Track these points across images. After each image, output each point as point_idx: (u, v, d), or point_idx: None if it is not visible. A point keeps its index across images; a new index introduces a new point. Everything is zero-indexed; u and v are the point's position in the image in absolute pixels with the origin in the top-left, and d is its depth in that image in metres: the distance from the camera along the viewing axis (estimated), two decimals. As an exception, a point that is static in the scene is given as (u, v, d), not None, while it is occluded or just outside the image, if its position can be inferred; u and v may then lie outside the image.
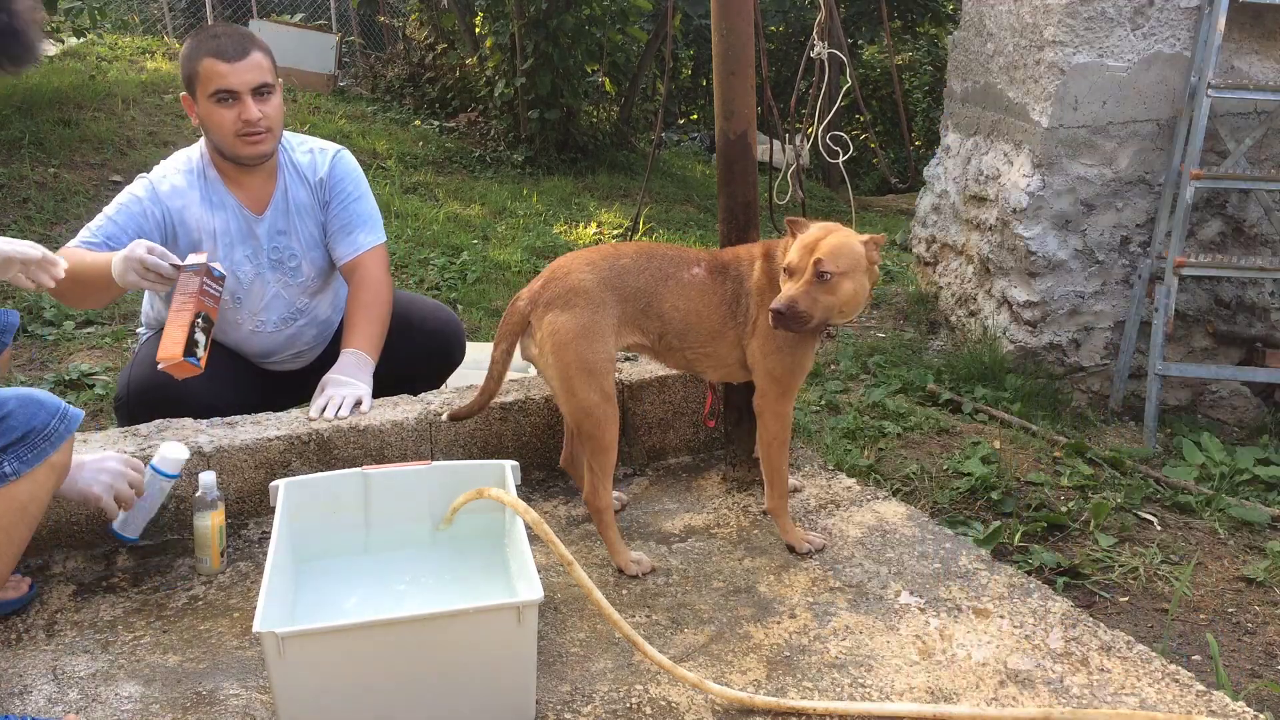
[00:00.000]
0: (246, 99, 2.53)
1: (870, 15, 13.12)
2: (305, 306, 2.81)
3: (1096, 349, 4.52)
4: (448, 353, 2.95)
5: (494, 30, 9.32)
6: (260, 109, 2.54)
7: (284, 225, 2.73)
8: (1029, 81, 4.41)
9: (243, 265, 2.69)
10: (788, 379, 2.32)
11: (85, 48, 9.33)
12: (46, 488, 1.74)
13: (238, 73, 2.51)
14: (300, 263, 2.76)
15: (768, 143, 5.81)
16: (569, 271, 2.27)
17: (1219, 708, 1.81)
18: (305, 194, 2.74)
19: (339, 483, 2.17)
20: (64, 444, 1.75)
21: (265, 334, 2.78)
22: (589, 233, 7.36)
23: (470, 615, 1.70)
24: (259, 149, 2.59)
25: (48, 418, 1.70)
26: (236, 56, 2.51)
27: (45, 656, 1.98)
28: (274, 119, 2.59)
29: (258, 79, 2.54)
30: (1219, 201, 4.47)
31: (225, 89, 2.51)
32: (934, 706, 1.81)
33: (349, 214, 2.76)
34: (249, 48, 2.54)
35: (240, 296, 2.71)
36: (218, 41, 2.52)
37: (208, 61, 2.51)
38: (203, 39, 2.55)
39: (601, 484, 2.26)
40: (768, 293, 2.28)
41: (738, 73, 2.52)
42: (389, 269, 2.83)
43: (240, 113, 2.53)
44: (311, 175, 2.75)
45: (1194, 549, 3.18)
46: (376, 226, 2.81)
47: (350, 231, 2.75)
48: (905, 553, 2.38)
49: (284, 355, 2.85)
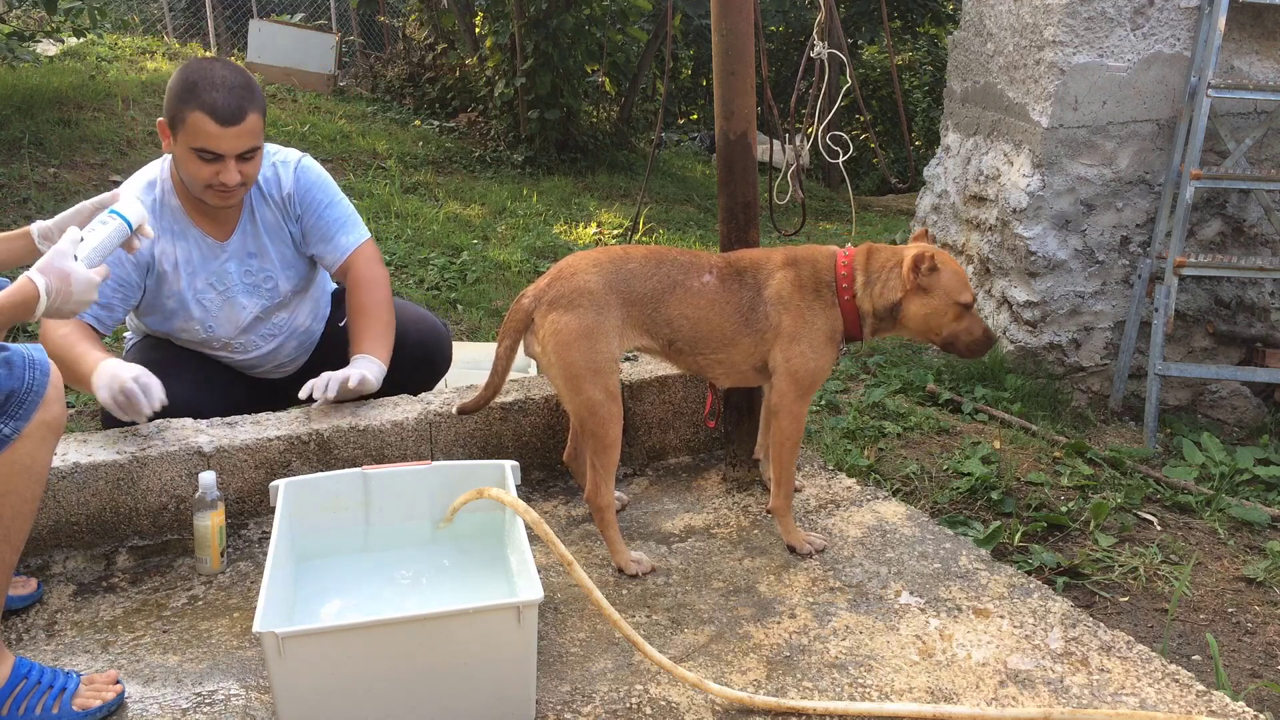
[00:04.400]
0: (230, 162, 2.39)
1: (870, 15, 13.11)
2: (284, 321, 2.75)
3: (1096, 349, 4.52)
4: (433, 362, 2.88)
5: (494, 30, 9.31)
6: (241, 170, 2.42)
7: (254, 248, 2.65)
8: (1029, 81, 4.41)
9: (206, 293, 2.61)
10: (809, 382, 2.33)
11: (85, 48, 9.33)
12: (46, 445, 1.74)
13: (228, 138, 2.36)
14: (276, 282, 2.69)
15: (768, 143, 5.82)
16: (575, 272, 2.27)
17: (1219, 708, 1.81)
18: (272, 213, 2.65)
19: (339, 483, 2.17)
20: (53, 402, 1.74)
21: (241, 350, 2.73)
22: (589, 233, 7.36)
23: (470, 615, 1.70)
24: (228, 202, 2.50)
25: (22, 375, 1.69)
26: (231, 121, 2.34)
27: (45, 657, 1.98)
28: (252, 176, 2.48)
29: (246, 145, 2.40)
30: (1219, 201, 4.48)
31: (211, 151, 2.37)
32: (934, 706, 1.81)
33: (325, 222, 2.68)
34: (246, 109, 2.37)
35: (211, 324, 2.63)
36: (215, 96, 2.33)
37: (199, 116, 2.33)
38: (200, 85, 2.34)
39: (604, 482, 2.26)
40: (797, 301, 2.29)
41: (738, 73, 2.52)
42: (380, 260, 2.77)
43: (219, 172, 2.39)
44: (277, 191, 2.64)
45: (1194, 549, 3.18)
46: (356, 225, 2.73)
47: (331, 238, 2.68)
48: (905, 553, 2.38)
49: (268, 367, 2.83)
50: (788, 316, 2.29)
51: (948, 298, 2.28)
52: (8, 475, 1.69)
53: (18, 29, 7.95)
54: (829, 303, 2.32)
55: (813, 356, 2.30)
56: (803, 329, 2.29)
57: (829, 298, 2.32)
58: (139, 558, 2.34)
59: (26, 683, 1.75)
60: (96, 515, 2.34)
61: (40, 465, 1.74)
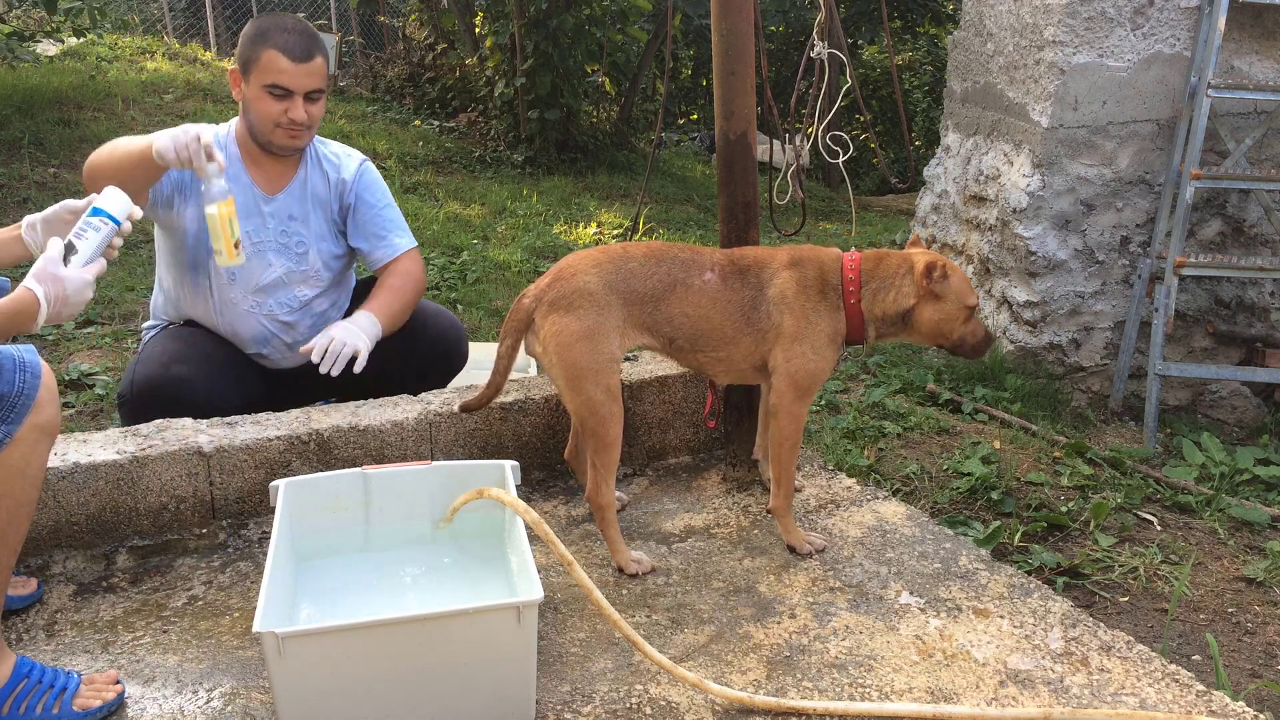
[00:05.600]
0: (298, 99, 2.59)
1: (870, 15, 13.12)
2: (303, 297, 2.81)
3: (1096, 349, 4.52)
4: (449, 356, 2.94)
5: (494, 30, 9.32)
6: (308, 110, 2.62)
7: (297, 212, 2.76)
8: (1029, 81, 4.41)
9: (241, 240, 2.69)
10: (809, 383, 2.33)
11: (85, 48, 9.34)
12: (40, 448, 1.74)
13: (298, 75, 2.57)
14: (308, 250, 2.78)
15: (768, 143, 5.81)
16: (575, 272, 2.27)
17: (1219, 708, 1.81)
18: (324, 187, 2.80)
19: (339, 483, 2.17)
20: (45, 405, 1.73)
21: (259, 316, 2.76)
22: (589, 233, 7.36)
23: (470, 615, 1.70)
24: (295, 144, 2.67)
25: (12, 378, 1.69)
26: (302, 58, 2.57)
27: (45, 656, 1.98)
28: (316, 119, 2.68)
29: (314, 84, 2.61)
30: (1219, 201, 4.48)
31: (282, 86, 2.57)
32: (934, 706, 1.81)
33: (381, 220, 2.83)
34: (314, 51, 2.60)
35: (236, 273, 2.70)
36: (287, 37, 2.56)
37: (272, 53, 2.55)
38: (272, 28, 2.59)
39: (604, 481, 2.26)
40: (800, 302, 2.30)
41: (738, 73, 2.52)
42: (424, 271, 2.92)
43: (288, 109, 2.59)
44: (334, 172, 2.81)
45: (1194, 549, 3.18)
46: (408, 232, 2.90)
47: (384, 235, 2.83)
48: (905, 553, 2.38)
49: (278, 345, 2.83)
50: (790, 317, 2.29)
51: (959, 302, 2.32)
52: (2, 479, 1.69)
53: (18, 29, 7.96)
54: (834, 305, 2.33)
55: (814, 358, 2.30)
56: (805, 330, 2.29)
57: (834, 300, 2.33)
58: (139, 558, 2.34)
59: (27, 682, 1.75)
60: (96, 515, 2.34)
61: (35, 468, 1.73)
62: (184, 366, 2.58)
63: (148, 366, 2.59)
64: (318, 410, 2.63)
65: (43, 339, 4.53)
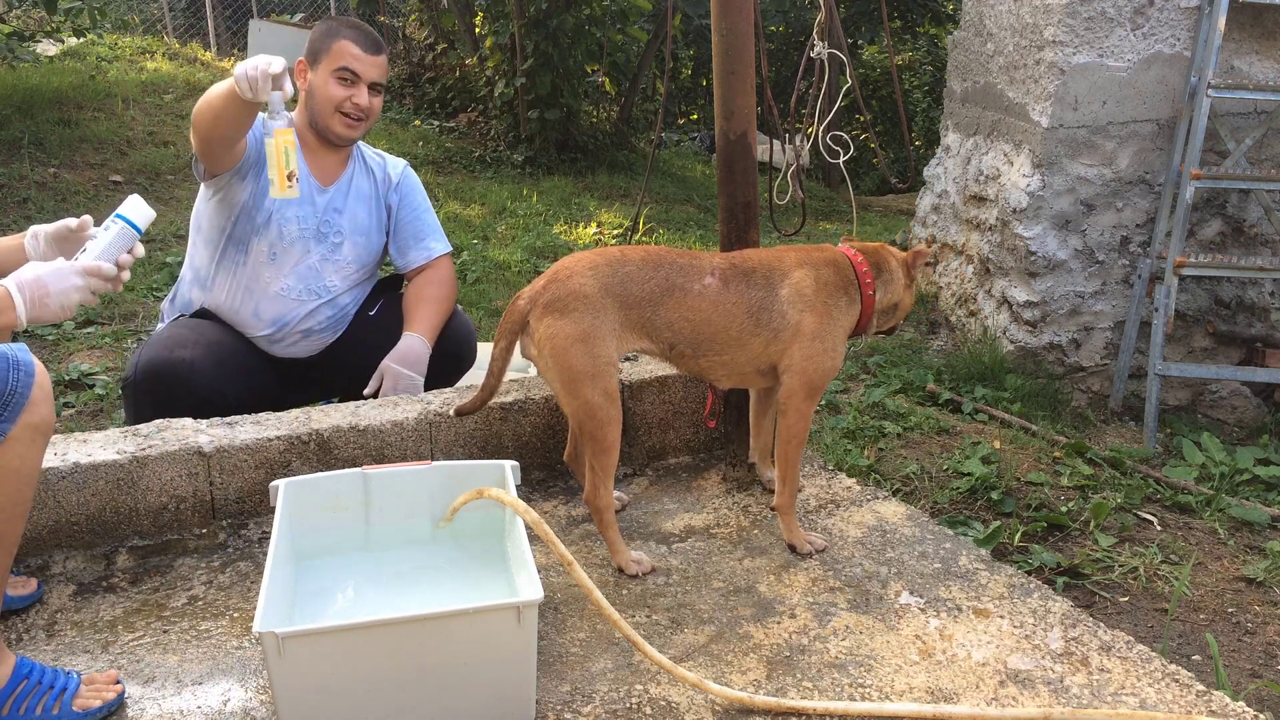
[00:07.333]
0: (363, 87, 2.81)
1: (870, 15, 13.11)
2: (332, 288, 2.90)
3: (1096, 349, 4.52)
4: (459, 354, 3.01)
5: (494, 30, 9.31)
6: (369, 100, 2.83)
7: (341, 205, 2.90)
8: (1029, 81, 4.42)
9: (290, 224, 2.82)
10: (822, 381, 2.35)
11: (85, 48, 9.33)
12: (35, 447, 1.74)
13: (368, 64, 2.80)
14: (344, 241, 2.90)
15: (768, 143, 5.81)
16: (571, 275, 2.25)
17: (1219, 708, 1.81)
18: (369, 186, 2.97)
19: (339, 483, 2.17)
20: (39, 404, 1.73)
21: (285, 299, 2.83)
22: (589, 233, 7.36)
23: (470, 615, 1.70)
24: (351, 132, 2.84)
25: (5, 377, 1.68)
26: (373, 51, 2.81)
27: (45, 657, 1.98)
28: (373, 114, 2.87)
29: (378, 76, 2.84)
30: (1219, 201, 4.48)
31: (352, 71, 2.78)
32: (934, 706, 1.81)
33: (421, 223, 3.02)
34: (381, 49, 2.86)
35: (277, 253, 2.81)
36: (358, 32, 2.83)
37: (345, 43, 2.78)
38: (344, 25, 2.85)
39: (603, 483, 2.25)
40: (822, 299, 2.32)
41: (738, 73, 2.52)
42: (455, 272, 3.11)
43: (353, 95, 2.79)
44: (379, 172, 3.00)
45: (1194, 549, 3.18)
46: (444, 237, 3.07)
47: (423, 238, 3.01)
48: (905, 553, 2.38)
49: (294, 332, 2.86)
50: (810, 316, 2.30)
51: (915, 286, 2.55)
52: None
53: (18, 29, 7.96)
54: (853, 300, 2.38)
55: (832, 355, 2.34)
56: (827, 327, 2.32)
57: (854, 295, 2.38)
58: (139, 558, 2.34)
59: (27, 683, 1.75)
60: (96, 515, 2.34)
61: (29, 468, 1.73)
62: (188, 350, 2.63)
63: (153, 350, 2.64)
64: (318, 410, 2.63)
65: (42, 339, 4.53)
